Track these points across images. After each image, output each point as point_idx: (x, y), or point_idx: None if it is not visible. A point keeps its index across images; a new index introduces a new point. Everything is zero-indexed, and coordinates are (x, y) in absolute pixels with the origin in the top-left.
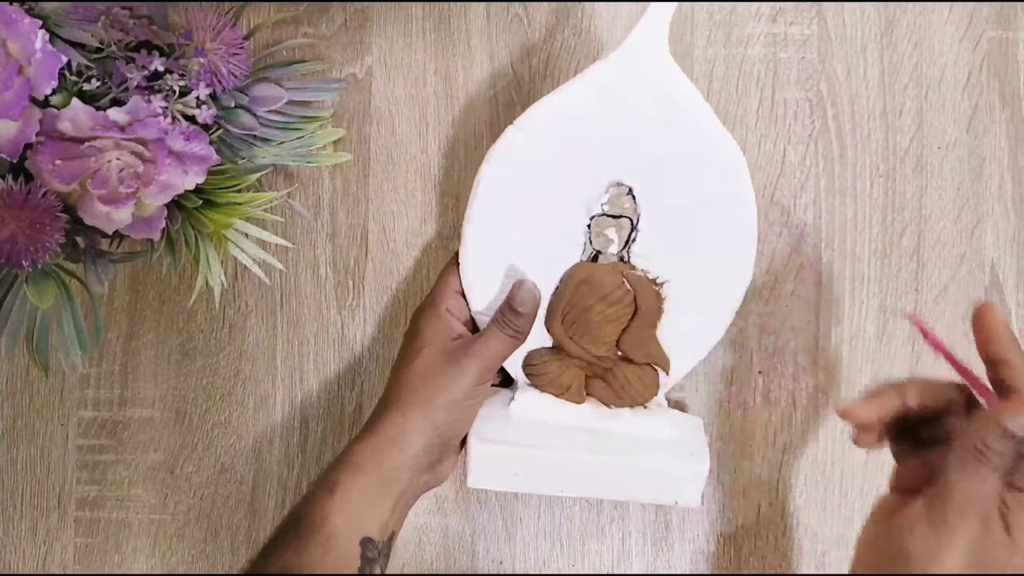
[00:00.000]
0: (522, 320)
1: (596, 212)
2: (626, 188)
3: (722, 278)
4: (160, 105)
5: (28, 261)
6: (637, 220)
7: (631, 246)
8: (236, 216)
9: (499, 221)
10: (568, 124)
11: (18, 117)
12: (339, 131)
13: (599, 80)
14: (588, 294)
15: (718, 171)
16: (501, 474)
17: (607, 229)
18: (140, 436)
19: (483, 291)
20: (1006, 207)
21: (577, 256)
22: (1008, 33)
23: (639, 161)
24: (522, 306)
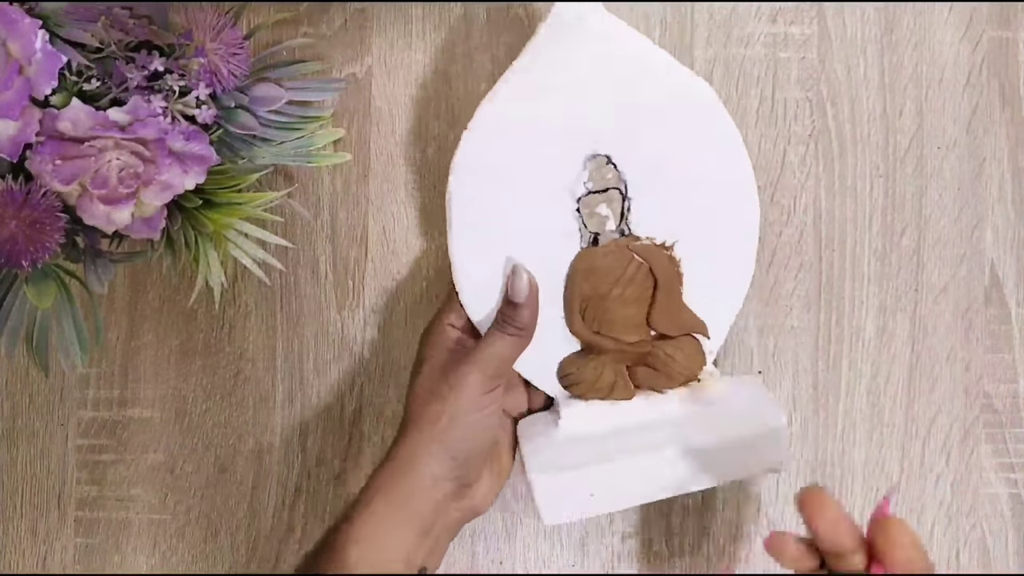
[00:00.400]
0: (523, 314)
1: (581, 192)
2: (604, 158)
3: (731, 217)
4: (160, 105)
5: (28, 261)
6: (626, 188)
7: (628, 217)
8: (236, 216)
9: (482, 231)
10: (522, 111)
11: (18, 117)
12: (339, 131)
13: (537, 56)
14: (600, 282)
15: (691, 112)
16: (575, 502)
17: (598, 207)
18: (140, 436)
19: (484, 306)
20: (1006, 207)
21: (576, 246)
22: (1008, 33)
23: (608, 127)
24: (518, 296)
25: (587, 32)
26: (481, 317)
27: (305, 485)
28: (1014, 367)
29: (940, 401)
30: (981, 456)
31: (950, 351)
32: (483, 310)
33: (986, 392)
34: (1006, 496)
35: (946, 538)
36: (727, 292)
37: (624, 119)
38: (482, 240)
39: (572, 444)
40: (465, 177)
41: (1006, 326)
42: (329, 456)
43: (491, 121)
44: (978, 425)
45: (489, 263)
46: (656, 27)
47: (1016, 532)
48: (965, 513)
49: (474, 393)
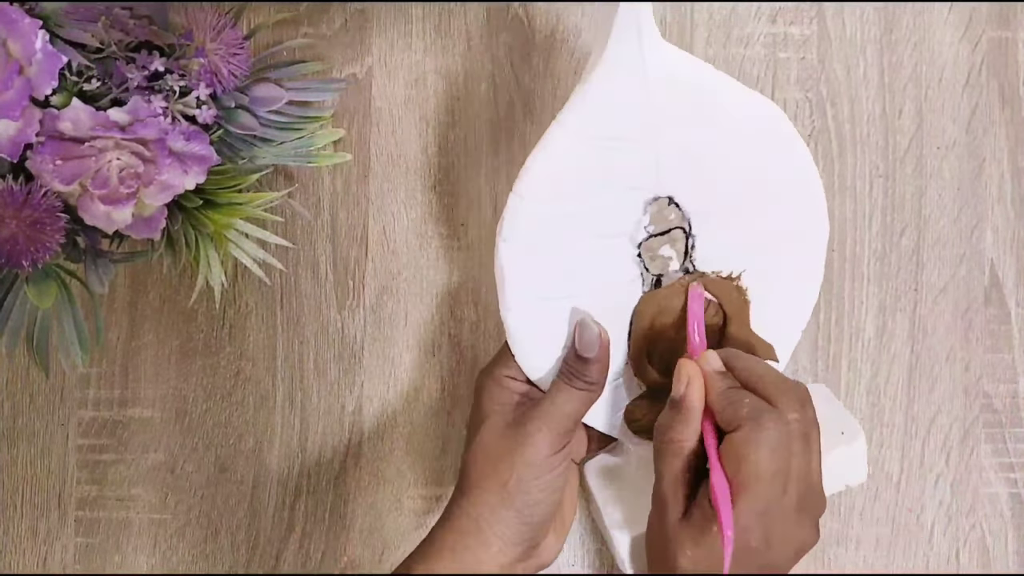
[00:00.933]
0: (593, 368)
1: (641, 237)
2: (666, 199)
3: (799, 237)
4: (160, 105)
5: (28, 261)
6: (689, 227)
7: (692, 254)
8: (236, 216)
9: (539, 295)
10: (577, 165)
11: (18, 117)
12: (339, 131)
13: (591, 104)
14: (668, 325)
15: (759, 137)
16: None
17: (660, 249)
18: (140, 436)
19: (543, 366)
20: (1006, 207)
21: (638, 290)
22: (1008, 33)
23: (671, 167)
24: (589, 351)
25: (646, 71)
26: (541, 376)
27: (305, 485)
28: (1014, 367)
29: (940, 401)
30: (981, 456)
31: (950, 351)
32: (542, 369)
33: (986, 392)
34: (1006, 496)
35: (946, 538)
36: (793, 313)
37: (688, 156)
38: (538, 300)
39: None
40: (517, 242)
41: (1006, 326)
42: (329, 456)
43: (542, 182)
44: (978, 425)
45: (546, 323)
46: (656, 27)
47: (1016, 532)
48: (965, 513)
49: (544, 453)
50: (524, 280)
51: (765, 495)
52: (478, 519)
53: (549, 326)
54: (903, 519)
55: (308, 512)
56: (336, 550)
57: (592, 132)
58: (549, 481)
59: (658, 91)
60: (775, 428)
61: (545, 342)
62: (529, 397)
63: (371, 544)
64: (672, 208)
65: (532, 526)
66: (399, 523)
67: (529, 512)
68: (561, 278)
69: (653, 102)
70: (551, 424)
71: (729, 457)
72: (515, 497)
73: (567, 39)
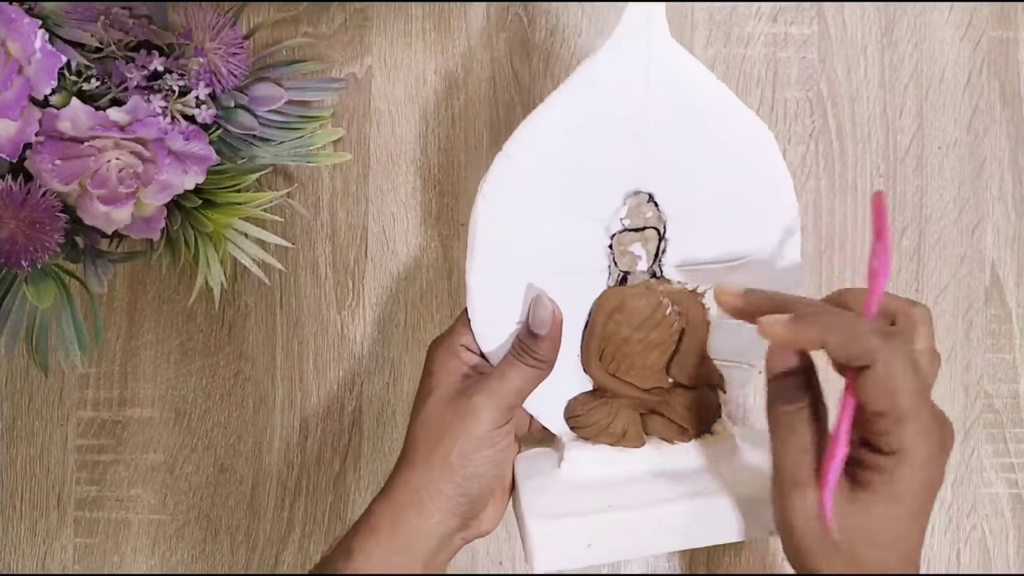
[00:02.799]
0: (544, 345)
1: (616, 229)
2: (646, 195)
3: (769, 269)
4: (160, 105)
5: (28, 261)
6: (664, 229)
7: (661, 258)
8: (236, 216)
9: (506, 258)
10: (567, 140)
11: (18, 117)
12: (339, 131)
13: (592, 82)
14: (624, 323)
15: (747, 157)
16: (570, 550)
17: (632, 245)
18: (139, 436)
19: (497, 336)
20: (1006, 207)
21: (602, 283)
22: (1008, 33)
23: (655, 163)
24: (541, 327)
25: (652, 59)
26: (492, 348)
27: (305, 485)
28: (1014, 367)
29: (940, 401)
30: (982, 456)
31: (950, 351)
32: (495, 341)
33: (986, 392)
34: (1006, 496)
35: (947, 538)
36: (752, 347)
37: (674, 157)
38: (503, 266)
39: (573, 489)
40: (496, 202)
41: (1006, 326)
42: (329, 456)
43: (531, 147)
44: (978, 425)
45: (509, 291)
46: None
47: (1016, 532)
48: (966, 513)
49: (487, 427)
50: (494, 243)
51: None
52: (419, 491)
53: (509, 296)
54: None
55: (308, 512)
56: None
57: (588, 109)
58: (491, 456)
59: (658, 86)
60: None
61: (502, 312)
62: (478, 370)
63: None
64: (651, 206)
65: (472, 498)
66: None
67: (469, 485)
68: (531, 250)
69: (652, 96)
70: (496, 399)
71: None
72: (456, 470)
73: (567, 39)
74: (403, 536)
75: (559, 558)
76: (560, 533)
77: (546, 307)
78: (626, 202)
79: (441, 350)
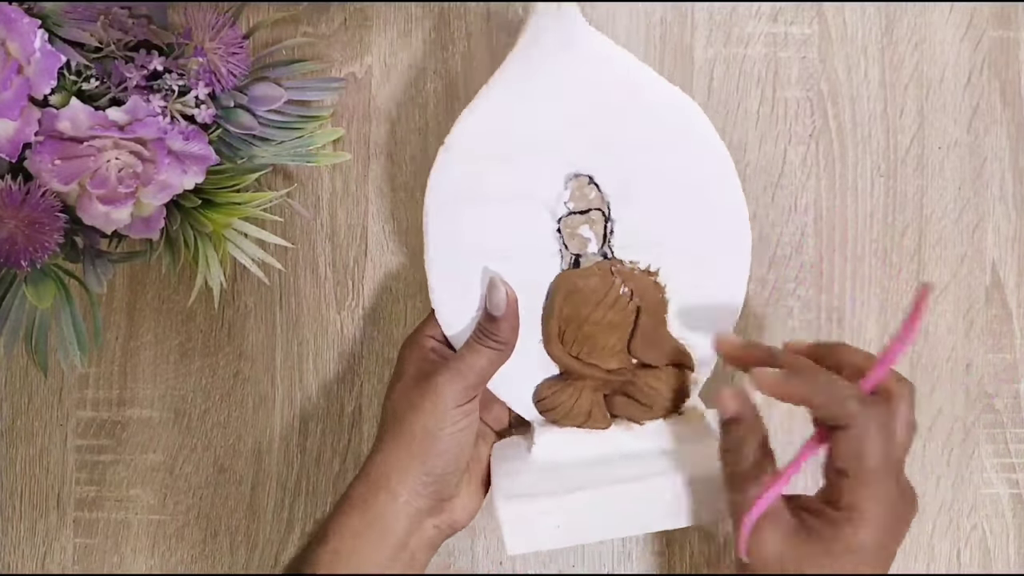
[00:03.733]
0: (502, 327)
1: (562, 213)
2: (586, 177)
3: (721, 242)
4: (159, 105)
5: (27, 261)
6: (608, 209)
7: (610, 240)
8: (235, 216)
9: (459, 248)
10: (502, 127)
11: (17, 117)
12: (339, 131)
13: (519, 70)
14: (580, 304)
15: (679, 132)
16: (541, 532)
17: (579, 228)
18: (139, 436)
19: (460, 322)
20: (1007, 207)
21: (556, 267)
22: (1009, 33)
23: (591, 145)
24: (497, 310)
25: (572, 48)
26: (455, 332)
27: (305, 485)
28: (1015, 367)
29: (941, 401)
30: (982, 456)
31: (951, 351)
32: (458, 326)
33: (987, 392)
34: (1007, 496)
35: (947, 538)
36: (716, 321)
37: (608, 138)
38: (459, 257)
39: (542, 471)
40: (442, 194)
41: (1007, 326)
42: (329, 456)
43: (469, 137)
44: (979, 425)
45: (466, 280)
46: (656, 27)
47: (1017, 532)
48: (966, 513)
49: (449, 404)
50: (447, 235)
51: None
52: (387, 470)
53: (468, 285)
54: None
55: (308, 512)
56: None
57: (518, 93)
58: (453, 433)
59: (580, 68)
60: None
61: (463, 301)
62: (443, 356)
63: None
64: (592, 188)
65: (436, 477)
66: None
67: (433, 463)
68: (482, 238)
69: (579, 76)
70: (458, 377)
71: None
72: (422, 447)
73: None
74: (373, 514)
75: (530, 539)
76: (528, 514)
77: (500, 289)
78: (567, 185)
79: (409, 343)
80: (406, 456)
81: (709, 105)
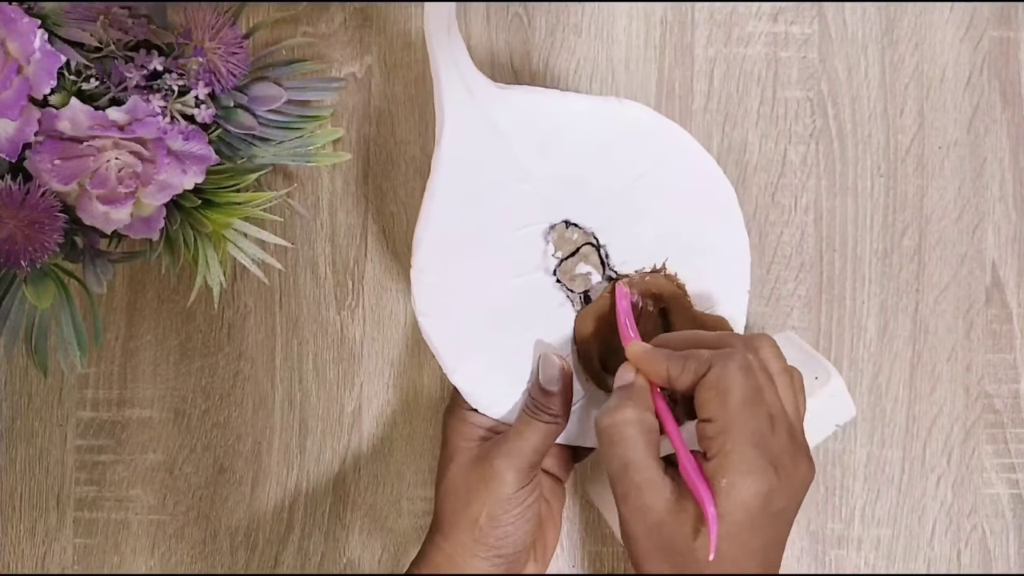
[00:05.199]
0: (556, 401)
1: (553, 265)
2: (562, 224)
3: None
4: (159, 104)
5: (27, 261)
6: (596, 239)
7: (609, 262)
8: (235, 216)
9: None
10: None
11: (17, 117)
12: (338, 131)
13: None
14: (610, 334)
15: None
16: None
17: (576, 268)
18: (139, 436)
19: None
20: (1007, 207)
21: (571, 313)
22: (1009, 33)
23: (551, 192)
24: (552, 384)
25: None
26: (503, 414)
27: (304, 486)
28: (1015, 367)
29: (941, 401)
30: (982, 456)
31: (951, 351)
32: (504, 409)
33: (987, 392)
34: (1007, 496)
35: (947, 538)
36: (732, 278)
37: (564, 176)
38: (478, 356)
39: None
40: (434, 315)
41: (1007, 326)
42: (329, 456)
43: (436, 250)
44: (979, 425)
45: (495, 369)
46: (656, 27)
47: (1017, 532)
48: (966, 513)
49: (512, 488)
50: (457, 345)
51: (757, 425)
52: (453, 556)
53: (499, 373)
54: (904, 520)
55: (307, 513)
56: (335, 551)
57: (460, 189)
58: (519, 514)
59: (507, 130)
60: (742, 358)
61: (499, 388)
62: (495, 431)
63: (370, 545)
64: (573, 229)
65: (507, 558)
66: (398, 524)
67: (502, 545)
68: (492, 330)
69: (506, 141)
70: (517, 460)
71: (708, 399)
72: (487, 533)
73: (567, 39)
74: None
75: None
76: None
77: (554, 363)
78: (548, 240)
79: (452, 419)
80: (471, 543)
81: (709, 105)
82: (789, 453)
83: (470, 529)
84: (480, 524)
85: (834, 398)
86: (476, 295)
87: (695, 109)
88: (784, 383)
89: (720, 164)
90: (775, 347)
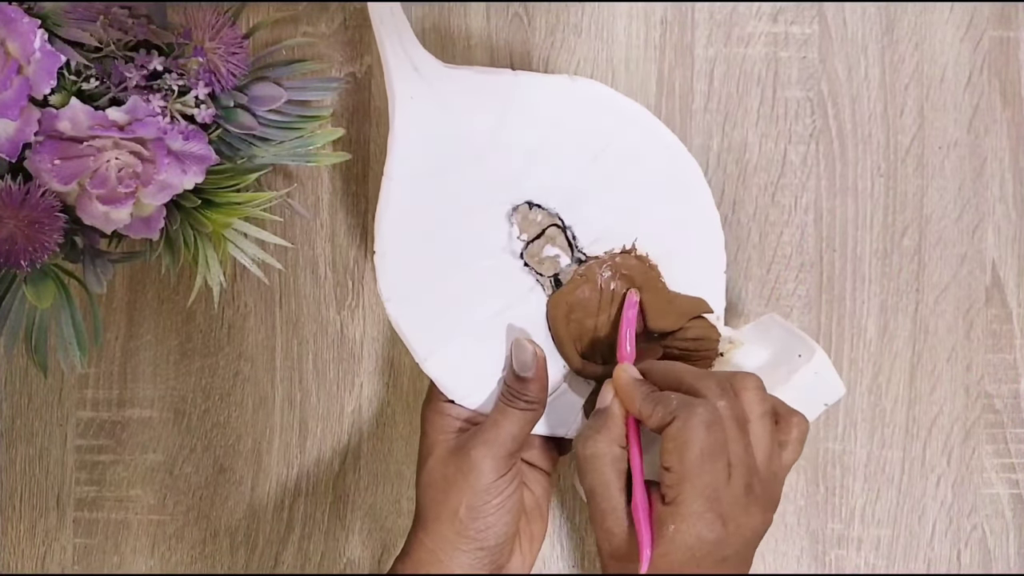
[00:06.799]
0: (532, 387)
1: (519, 248)
2: (525, 205)
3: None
4: (159, 104)
5: (27, 261)
6: (561, 219)
7: (577, 244)
8: (235, 216)
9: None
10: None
11: (17, 117)
12: (339, 130)
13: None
14: (583, 317)
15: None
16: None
17: (544, 251)
18: (139, 436)
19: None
20: (1007, 207)
21: (541, 296)
22: (1009, 33)
23: (511, 173)
24: (526, 370)
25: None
26: (479, 404)
27: (304, 486)
28: (1015, 367)
29: (941, 401)
30: (982, 456)
31: (951, 351)
32: (479, 399)
33: (987, 392)
34: (1007, 496)
35: (947, 538)
36: (706, 256)
37: (523, 156)
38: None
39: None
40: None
41: (1007, 326)
42: (329, 456)
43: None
44: (979, 425)
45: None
46: (656, 27)
47: (1017, 532)
48: (966, 513)
49: (490, 478)
50: (427, 332)
51: (711, 479)
52: (435, 550)
53: (473, 362)
54: (904, 520)
55: (307, 513)
56: (335, 551)
57: (417, 170)
58: (499, 504)
59: (458, 108)
60: (706, 411)
61: (474, 378)
62: (472, 422)
63: (370, 545)
64: (536, 210)
65: (490, 551)
66: (398, 524)
67: (483, 537)
68: (462, 316)
69: (458, 119)
70: (494, 448)
71: (669, 450)
72: (468, 525)
73: (567, 39)
74: None
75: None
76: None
77: (527, 349)
78: (512, 222)
79: (430, 411)
80: (453, 536)
81: (709, 105)
82: (741, 505)
83: (450, 522)
84: (460, 516)
85: (819, 375)
86: (443, 280)
87: (695, 109)
88: (761, 429)
89: (720, 164)
90: (759, 389)
